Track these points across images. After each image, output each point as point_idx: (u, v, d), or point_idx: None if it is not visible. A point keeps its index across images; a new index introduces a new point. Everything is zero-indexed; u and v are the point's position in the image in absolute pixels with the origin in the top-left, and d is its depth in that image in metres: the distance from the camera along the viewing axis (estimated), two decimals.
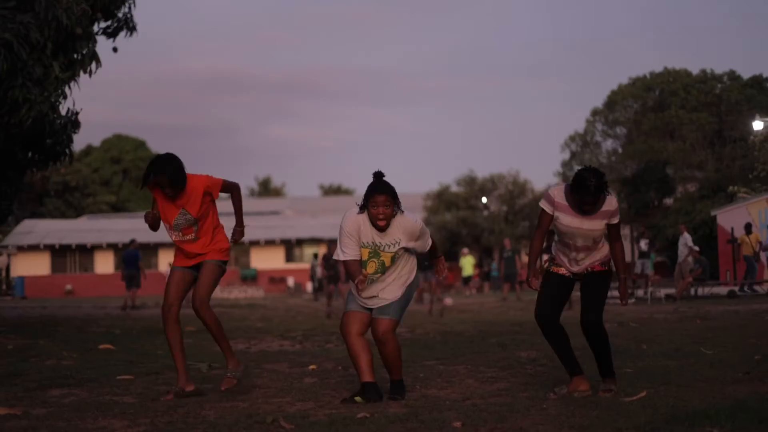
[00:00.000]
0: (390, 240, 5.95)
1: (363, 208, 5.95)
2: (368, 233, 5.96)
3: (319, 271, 28.56)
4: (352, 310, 6.06)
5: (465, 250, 38.17)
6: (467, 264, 34.51)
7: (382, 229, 5.92)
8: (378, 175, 5.99)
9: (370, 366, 5.98)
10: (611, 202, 5.90)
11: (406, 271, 6.11)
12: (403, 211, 5.98)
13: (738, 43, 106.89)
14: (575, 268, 6.01)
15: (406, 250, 6.07)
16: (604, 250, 6.02)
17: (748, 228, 21.96)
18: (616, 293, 6.44)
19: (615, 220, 5.92)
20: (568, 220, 5.87)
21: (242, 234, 6.41)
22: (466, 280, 35.25)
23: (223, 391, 6.18)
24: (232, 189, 6.35)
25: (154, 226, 6.29)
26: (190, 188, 6.10)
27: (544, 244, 6.38)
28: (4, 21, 10.65)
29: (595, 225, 5.85)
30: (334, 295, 21.42)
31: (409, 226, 5.97)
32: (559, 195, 5.91)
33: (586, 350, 6.33)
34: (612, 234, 5.97)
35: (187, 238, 6.22)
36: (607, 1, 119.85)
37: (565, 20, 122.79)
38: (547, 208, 5.91)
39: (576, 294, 6.25)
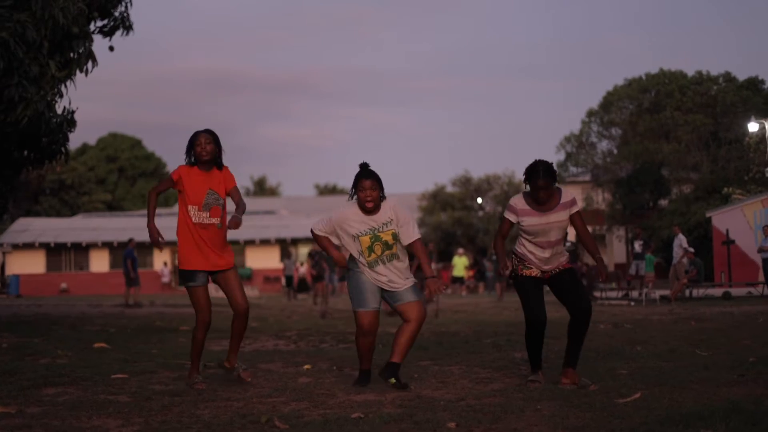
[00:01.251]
0: (383, 219, 6.48)
1: (352, 196, 6.51)
2: (362, 222, 6.49)
3: (302, 270, 28.57)
4: (374, 308, 6.56)
5: (460, 250, 38.20)
6: (459, 264, 34.59)
7: (370, 211, 6.45)
8: (364, 166, 6.58)
9: (372, 356, 6.71)
10: (567, 194, 6.46)
11: (405, 265, 6.62)
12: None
13: (733, 44, 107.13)
14: (546, 267, 6.46)
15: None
16: (565, 255, 6.57)
17: None
18: (610, 293, 6.64)
19: (575, 209, 6.44)
20: (535, 220, 6.36)
21: (238, 223, 6.34)
22: (457, 281, 35.38)
23: (248, 381, 6.74)
24: (239, 202, 6.56)
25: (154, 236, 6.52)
26: (222, 173, 6.56)
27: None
28: (1, 20, 10.62)
29: (560, 216, 6.37)
30: (319, 294, 21.45)
31: (396, 204, 6.56)
32: (520, 203, 6.45)
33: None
34: (577, 223, 6.47)
35: (214, 221, 6.49)
36: (603, 2, 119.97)
37: (562, 21, 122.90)
38: (511, 218, 6.45)
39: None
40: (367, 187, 6.42)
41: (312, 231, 6.75)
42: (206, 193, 6.47)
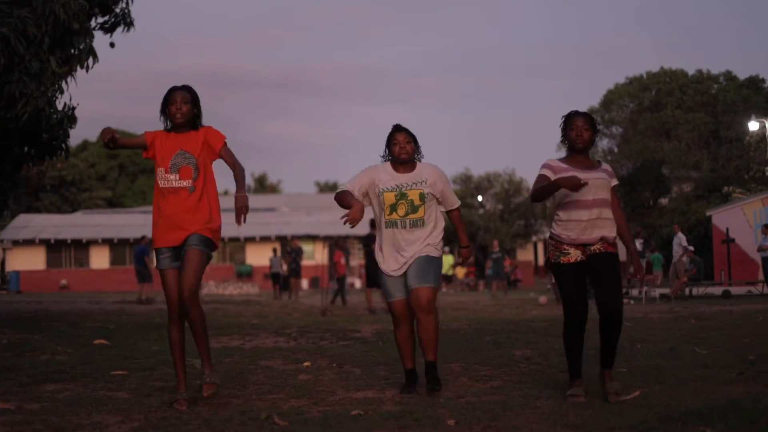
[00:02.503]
0: (415, 179, 6.11)
1: (386, 158, 6.20)
2: (390, 178, 6.14)
3: (284, 266, 28.59)
4: (400, 298, 6.19)
5: (445, 248, 38.37)
6: (445, 263, 34.99)
7: (404, 168, 6.13)
8: (397, 124, 6.25)
9: (413, 353, 6.33)
10: (607, 166, 6.00)
11: (437, 231, 6.19)
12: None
13: (734, 43, 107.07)
14: (588, 236, 5.79)
15: (435, 201, 6.20)
16: (613, 227, 5.88)
17: None
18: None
19: (615, 182, 5.95)
20: (573, 174, 5.72)
21: (243, 201, 5.48)
22: (447, 279, 35.84)
23: (206, 397, 5.69)
24: (234, 163, 5.69)
25: (109, 140, 5.49)
26: (199, 132, 5.73)
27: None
28: (2, 15, 10.62)
29: (600, 175, 5.82)
30: (294, 290, 21.56)
31: (434, 168, 6.21)
32: (556, 163, 5.87)
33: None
34: (613, 202, 5.90)
35: (184, 183, 5.60)
36: (603, 1, 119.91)
37: (562, 20, 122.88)
38: (548, 173, 5.80)
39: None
40: (401, 139, 6.12)
41: (339, 187, 6.15)
42: (175, 154, 5.61)
